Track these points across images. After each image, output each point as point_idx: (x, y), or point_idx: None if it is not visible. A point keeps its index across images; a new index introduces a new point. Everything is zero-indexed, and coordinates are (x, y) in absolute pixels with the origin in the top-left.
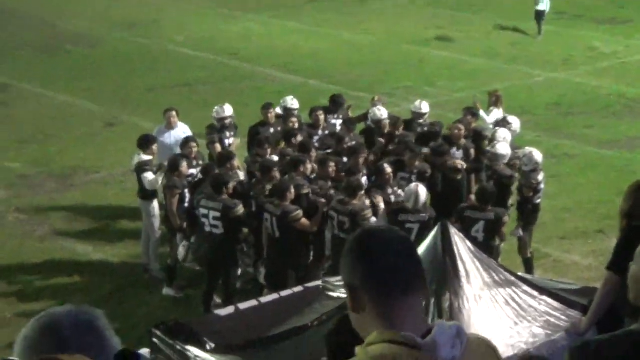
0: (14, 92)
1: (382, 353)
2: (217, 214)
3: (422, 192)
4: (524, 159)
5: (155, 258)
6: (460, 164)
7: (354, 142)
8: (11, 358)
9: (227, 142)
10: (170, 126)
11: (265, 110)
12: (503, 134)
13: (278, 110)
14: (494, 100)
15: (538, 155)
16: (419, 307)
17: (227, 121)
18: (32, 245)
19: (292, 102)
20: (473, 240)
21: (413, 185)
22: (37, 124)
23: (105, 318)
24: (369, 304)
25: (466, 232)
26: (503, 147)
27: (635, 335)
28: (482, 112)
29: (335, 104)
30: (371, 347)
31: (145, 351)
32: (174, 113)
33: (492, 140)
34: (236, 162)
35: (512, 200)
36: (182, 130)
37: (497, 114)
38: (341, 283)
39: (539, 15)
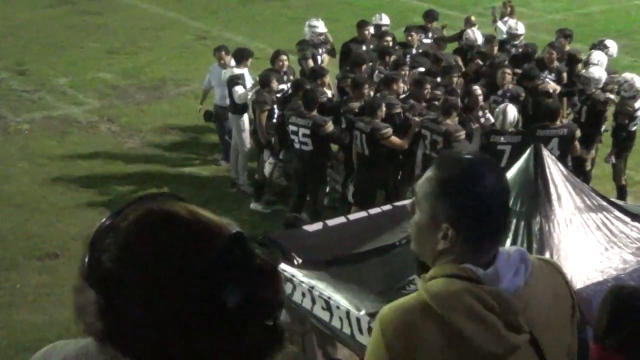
0: (108, 2)
1: (441, 290)
2: (307, 131)
3: (511, 111)
4: (624, 85)
5: (243, 172)
6: (553, 87)
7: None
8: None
9: (319, 58)
10: (223, 65)
11: (361, 28)
12: (598, 56)
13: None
14: (509, 11)
15: (639, 83)
16: (497, 245)
17: (321, 37)
18: (123, 156)
19: (383, 19)
20: None
21: (503, 104)
22: (129, 34)
23: None
24: (457, 240)
25: None
26: (597, 70)
27: None
28: (499, 23)
29: (429, 18)
30: (432, 282)
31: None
32: (223, 53)
33: (587, 63)
34: (327, 79)
35: (607, 125)
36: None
37: (512, 24)
38: None
39: None
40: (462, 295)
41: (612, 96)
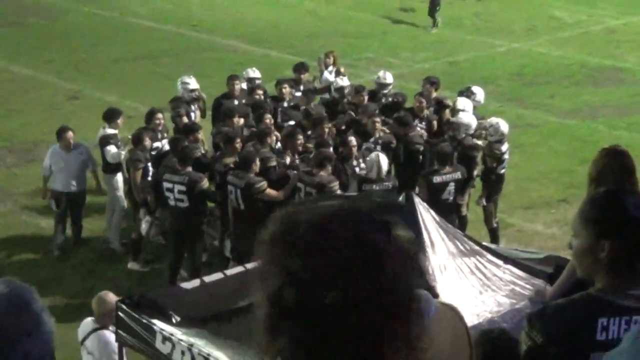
0: None
1: None
2: (183, 188)
3: (384, 160)
4: (490, 130)
5: (116, 231)
6: (421, 134)
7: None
8: None
9: (192, 115)
10: (67, 147)
11: (231, 82)
12: (463, 102)
13: (244, 85)
14: (332, 60)
15: (504, 126)
16: None
17: (194, 94)
18: None
19: (254, 73)
20: (444, 203)
21: (373, 154)
22: None
23: (38, 297)
24: None
25: (437, 197)
26: (466, 116)
27: (592, 297)
28: (326, 72)
29: (297, 71)
30: None
31: None
32: (70, 134)
33: (454, 110)
34: (200, 135)
35: (477, 170)
36: (79, 151)
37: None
38: None
39: (433, 6)
40: None
41: (479, 142)
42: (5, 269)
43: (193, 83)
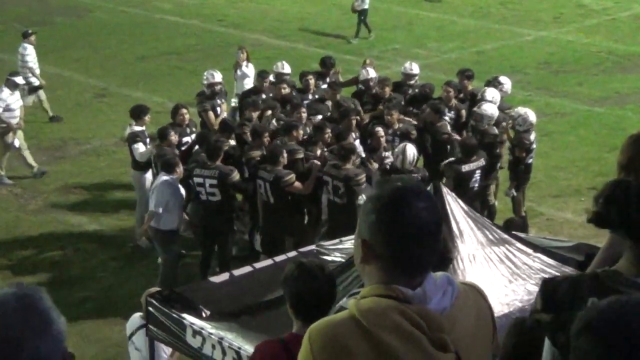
0: (3, 66)
1: (370, 307)
2: (214, 182)
3: (410, 151)
4: (518, 120)
5: (141, 228)
6: (448, 132)
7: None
8: None
9: (218, 108)
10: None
11: (261, 78)
12: (492, 93)
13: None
14: (245, 55)
15: (532, 116)
16: (420, 269)
17: (218, 87)
18: (26, 219)
19: (284, 67)
20: (471, 191)
21: (402, 144)
22: None
23: (49, 298)
24: (382, 261)
25: (466, 186)
26: (490, 107)
27: (593, 277)
28: (243, 67)
29: (325, 66)
30: (362, 300)
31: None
32: (182, 168)
33: (481, 100)
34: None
35: (502, 162)
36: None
37: (251, 68)
38: (335, 247)
39: (361, 14)
40: (389, 312)
41: (510, 128)
42: (37, 265)
43: (211, 77)
